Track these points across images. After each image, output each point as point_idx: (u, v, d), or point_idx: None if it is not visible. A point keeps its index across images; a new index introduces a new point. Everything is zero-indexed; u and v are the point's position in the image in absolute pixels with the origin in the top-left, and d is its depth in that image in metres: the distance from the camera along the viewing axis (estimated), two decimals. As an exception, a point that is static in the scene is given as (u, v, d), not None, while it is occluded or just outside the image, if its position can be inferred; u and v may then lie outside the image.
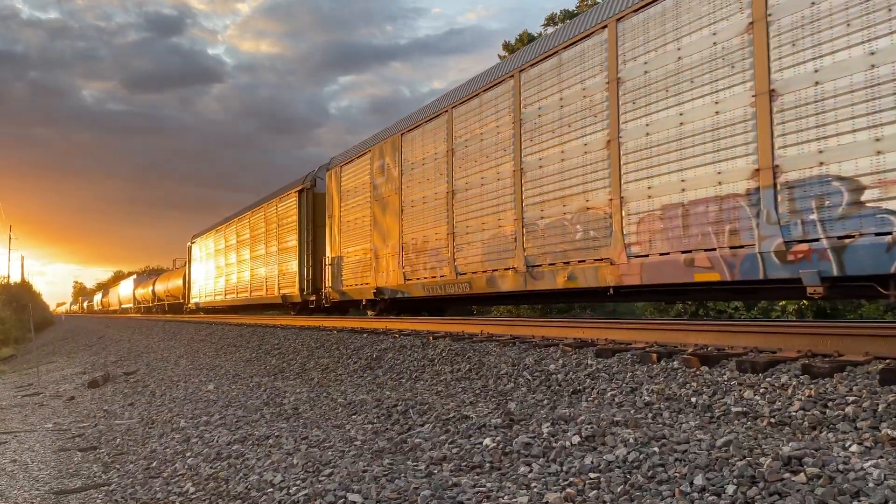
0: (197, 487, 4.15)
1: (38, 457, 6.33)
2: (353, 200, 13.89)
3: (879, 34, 4.96)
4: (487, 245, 9.42)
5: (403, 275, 11.58)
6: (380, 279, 12.55)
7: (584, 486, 2.95)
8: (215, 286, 25.72)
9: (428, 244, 10.94)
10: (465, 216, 9.94)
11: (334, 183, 14.86)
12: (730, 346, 5.29)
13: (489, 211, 9.37)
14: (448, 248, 10.34)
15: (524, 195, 8.68)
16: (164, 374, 11.11)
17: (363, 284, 13.21)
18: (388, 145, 12.39)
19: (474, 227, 9.69)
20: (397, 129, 12.20)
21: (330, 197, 15.06)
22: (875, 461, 2.75)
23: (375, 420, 5.13)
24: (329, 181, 15.24)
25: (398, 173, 11.93)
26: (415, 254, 11.30)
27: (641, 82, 6.97)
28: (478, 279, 9.58)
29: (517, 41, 24.67)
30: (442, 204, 10.52)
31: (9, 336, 35.93)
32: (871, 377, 3.89)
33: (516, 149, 8.87)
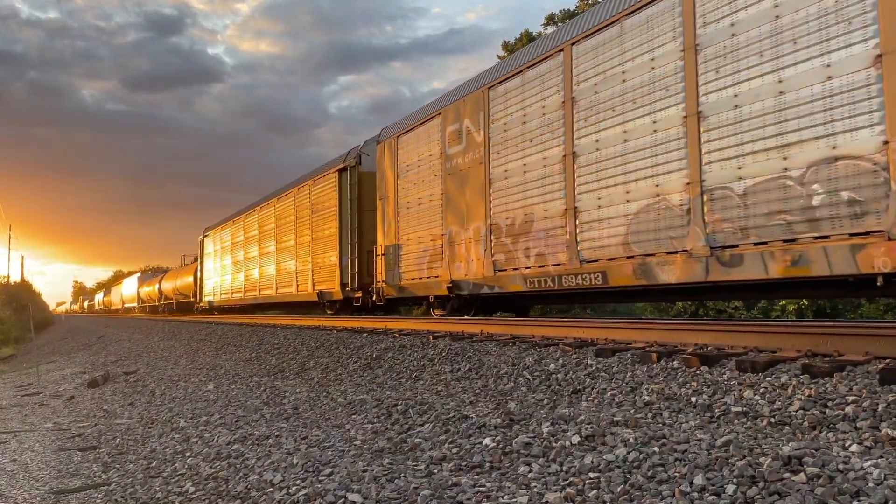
0: (197, 487, 4.15)
1: (38, 456, 6.33)
2: (415, 176, 11.61)
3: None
4: (635, 221, 7.20)
5: (493, 264, 9.42)
6: (456, 271, 10.29)
7: (584, 485, 2.95)
8: (233, 283, 23.44)
9: (531, 224, 8.71)
10: (595, 185, 7.72)
11: (388, 157, 12.57)
12: (730, 346, 5.28)
13: (639, 175, 7.14)
14: (565, 227, 8.13)
15: (704, 149, 6.47)
16: (163, 374, 11.11)
17: (431, 278, 10.98)
18: (468, 105, 10.16)
19: (612, 198, 7.47)
20: (482, 83, 9.95)
21: (382, 175, 12.79)
22: (875, 461, 2.75)
23: (375, 420, 5.13)
24: (381, 156, 12.94)
25: (483, 138, 9.72)
26: (510, 237, 9.12)
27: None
28: (618, 268, 7.38)
29: (517, 41, 24.67)
30: (555, 171, 8.33)
31: (9, 336, 35.94)
32: (871, 377, 3.89)
33: (689, 85, 6.64)
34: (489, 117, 9.66)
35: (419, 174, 11.48)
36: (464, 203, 10.18)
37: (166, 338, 18.60)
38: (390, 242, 12.41)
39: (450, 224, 10.53)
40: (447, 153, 10.62)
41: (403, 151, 12.03)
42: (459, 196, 10.30)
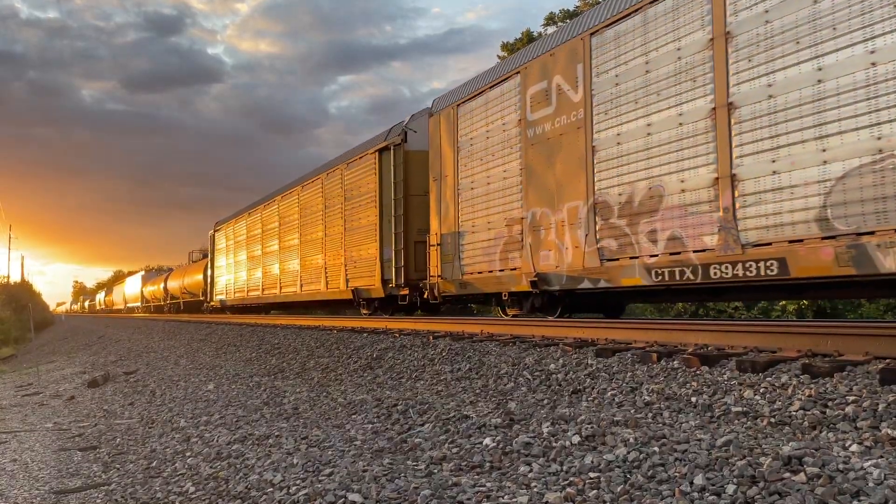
0: (197, 487, 4.15)
1: (38, 456, 6.33)
2: (482, 150, 9.81)
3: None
4: (839, 188, 5.43)
5: (598, 252, 7.66)
6: (541, 261, 8.52)
7: (584, 485, 2.95)
8: (248, 280, 21.44)
9: (659, 201, 6.97)
10: (768, 143, 5.94)
11: (444, 131, 10.80)
12: (730, 346, 5.28)
13: (848, 125, 5.35)
14: (716, 202, 6.39)
15: None
16: (164, 374, 11.11)
17: (506, 271, 9.20)
18: (560, 58, 8.37)
19: (796, 159, 5.70)
20: (579, 30, 8.18)
21: (437, 151, 11.00)
22: (875, 461, 2.75)
23: (375, 420, 5.13)
24: (435, 130, 11.12)
25: (582, 96, 7.96)
26: (625, 218, 7.34)
27: None
28: (808, 253, 5.62)
29: (517, 41, 24.68)
30: (698, 130, 6.52)
31: (9, 336, 35.95)
32: (871, 377, 3.89)
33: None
34: (591, 70, 7.86)
35: (488, 147, 9.62)
36: (552, 178, 8.31)
37: (166, 338, 18.60)
38: (448, 230, 10.58)
39: (532, 205, 8.65)
40: (528, 119, 8.73)
41: (466, 122, 10.23)
42: (546, 170, 8.43)
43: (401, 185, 12.34)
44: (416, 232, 12.02)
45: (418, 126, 12.31)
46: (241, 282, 22.49)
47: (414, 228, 12.10)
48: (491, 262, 9.55)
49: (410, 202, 12.26)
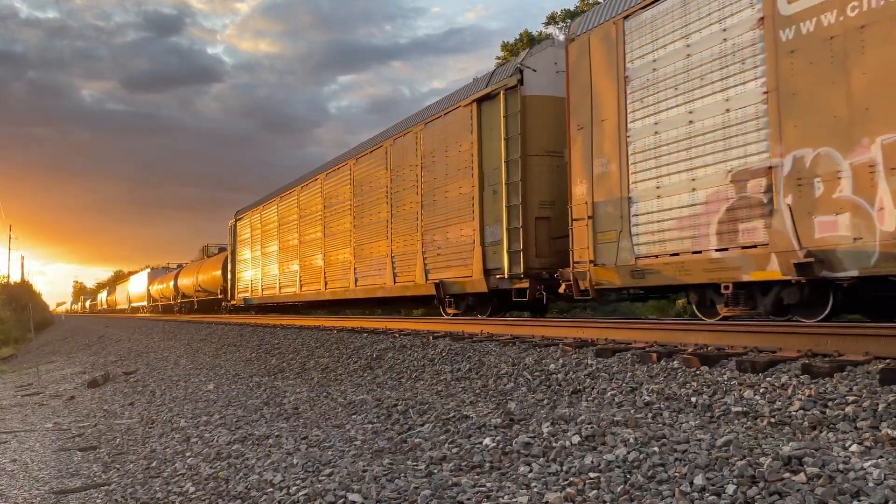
0: (197, 487, 4.15)
1: (38, 456, 6.33)
2: (677, 75, 6.98)
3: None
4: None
5: None
6: (818, 232, 5.67)
7: (584, 485, 2.95)
8: (282, 275, 18.20)
9: None
10: None
11: (599, 58, 7.96)
12: (730, 346, 5.28)
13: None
14: None
15: None
16: (164, 374, 11.11)
17: (732, 250, 6.39)
18: None
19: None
20: None
21: (584, 89, 8.15)
22: (875, 461, 2.75)
23: (375, 420, 5.13)
24: (580, 61, 8.26)
25: None
26: None
27: None
28: None
29: (517, 41, 24.67)
30: None
31: (9, 336, 35.96)
32: (871, 377, 3.89)
33: None
34: None
35: (689, 69, 6.83)
36: (842, 100, 5.50)
37: (167, 338, 18.60)
38: (606, 197, 7.81)
39: (796, 145, 5.85)
40: (782, 13, 5.96)
41: (642, 39, 7.39)
42: (827, 88, 5.61)
43: (517, 141, 9.24)
44: (536, 205, 9.19)
45: (541, 63, 9.39)
46: (271, 277, 19.17)
47: (534, 200, 9.15)
48: (697, 239, 6.72)
49: (529, 165, 9.20)
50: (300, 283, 16.97)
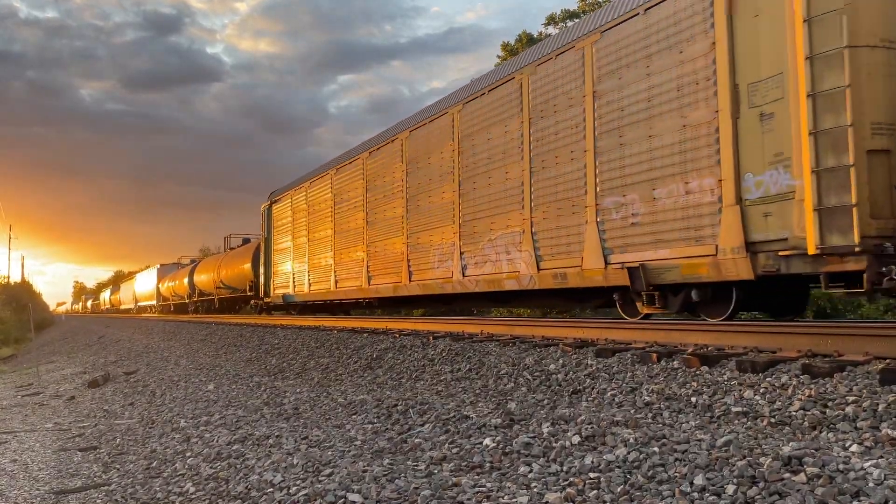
0: (197, 487, 4.15)
1: (38, 456, 6.33)
2: None
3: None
4: None
5: None
6: None
7: (585, 486, 2.96)
8: (339, 266, 14.68)
9: None
10: None
11: None
12: (730, 346, 5.29)
13: None
14: None
15: None
16: (164, 374, 11.11)
17: None
18: None
19: None
20: None
21: None
22: (875, 461, 2.75)
23: (375, 420, 5.13)
24: None
25: None
26: None
27: None
28: None
29: (517, 41, 24.66)
30: None
31: (9, 336, 35.97)
32: (871, 377, 3.89)
33: None
34: None
35: None
36: None
37: (166, 338, 18.61)
38: None
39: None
40: None
41: None
42: None
43: (835, 23, 5.49)
44: (868, 131, 5.48)
45: None
46: (323, 269, 15.50)
47: (865, 123, 5.47)
48: None
49: (857, 63, 5.46)
50: (367, 274, 13.23)
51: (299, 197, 17.53)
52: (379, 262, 13.08)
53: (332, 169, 15.46)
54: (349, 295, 14.39)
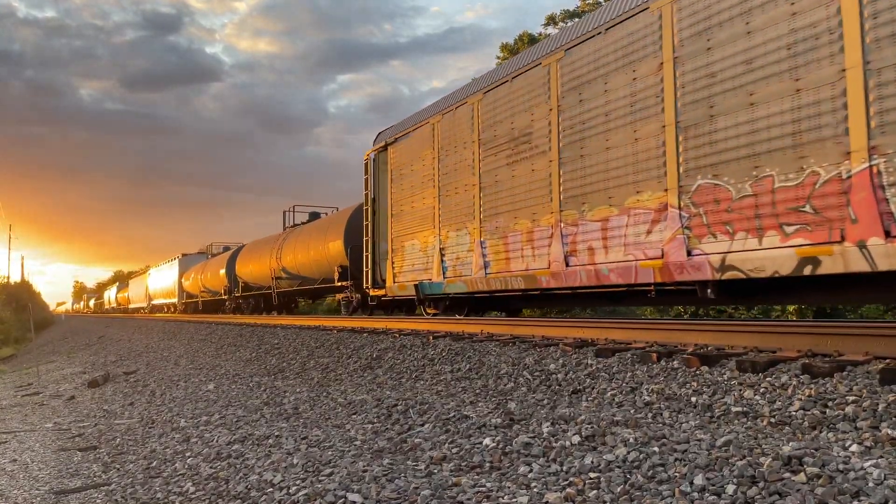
0: (197, 487, 4.15)
1: (38, 456, 6.33)
2: None
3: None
4: None
5: None
6: None
7: (584, 485, 2.95)
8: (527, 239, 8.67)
9: None
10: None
11: None
12: (730, 346, 5.29)
13: None
14: None
15: None
16: (164, 374, 11.11)
17: None
18: None
19: None
20: None
21: None
22: (875, 461, 2.75)
23: (375, 420, 5.13)
24: None
25: None
26: None
27: None
28: None
29: (517, 41, 24.67)
30: None
31: (9, 336, 35.98)
32: (871, 377, 3.89)
33: None
34: None
35: None
36: None
37: (166, 338, 18.60)
38: None
39: None
40: None
41: None
42: None
43: None
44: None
45: None
46: (497, 242, 9.26)
47: None
48: None
49: None
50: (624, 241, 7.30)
51: (446, 127, 10.71)
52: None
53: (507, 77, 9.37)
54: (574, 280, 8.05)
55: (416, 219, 11.41)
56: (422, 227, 11.22)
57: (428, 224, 11.06)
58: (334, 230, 16.28)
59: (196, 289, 30.75)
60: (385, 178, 12.75)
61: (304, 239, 18.57)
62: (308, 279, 18.33)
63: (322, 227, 17.73)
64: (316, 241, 17.39)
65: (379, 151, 13.09)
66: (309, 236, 18.32)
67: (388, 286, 12.24)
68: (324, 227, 17.43)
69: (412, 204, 11.63)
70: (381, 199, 12.96)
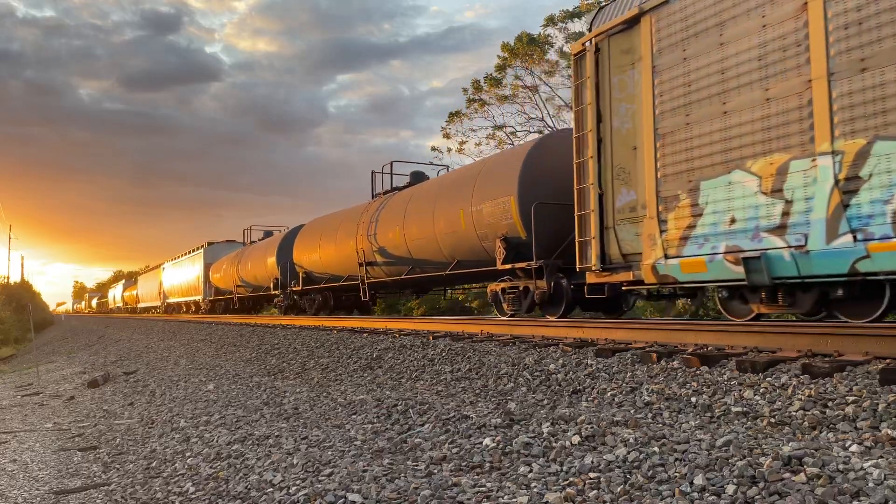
0: (197, 487, 4.15)
1: (38, 456, 6.33)
2: None
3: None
4: None
5: None
6: None
7: (584, 485, 2.95)
8: None
9: None
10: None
11: None
12: (730, 346, 5.28)
13: None
14: None
15: None
16: (163, 374, 11.10)
17: None
18: None
19: None
20: None
21: None
22: (875, 461, 2.75)
23: (375, 420, 5.13)
24: None
25: None
26: None
27: None
28: None
29: (517, 41, 24.66)
30: None
31: (9, 336, 35.97)
32: (871, 377, 3.89)
33: None
34: None
35: None
36: None
37: (166, 338, 18.60)
38: None
39: None
40: None
41: None
42: None
43: None
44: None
45: None
46: None
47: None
48: None
49: None
50: None
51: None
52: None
53: None
54: None
55: (745, 133, 6.02)
56: (767, 145, 5.86)
57: (790, 136, 5.66)
58: (503, 175, 9.74)
59: (229, 283, 24.43)
60: (633, 78, 7.33)
61: (421, 205, 12.08)
62: (428, 263, 12.12)
63: (464, 179, 11.00)
64: (449, 203, 10.99)
65: (614, 34, 7.48)
66: (437, 196, 11.61)
67: (650, 264, 6.84)
68: (468, 180, 10.78)
69: (732, 104, 6.13)
70: (622, 115, 7.48)
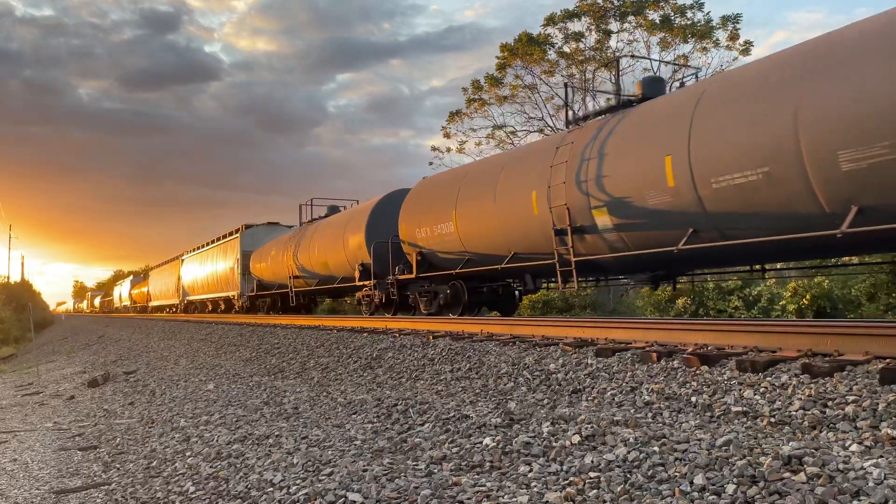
0: (197, 487, 4.15)
1: (38, 456, 6.33)
2: None
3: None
4: None
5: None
6: None
7: (585, 485, 2.95)
8: None
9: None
10: None
11: None
12: (730, 346, 5.28)
13: None
14: None
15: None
16: (164, 374, 11.11)
17: None
18: None
19: None
20: None
21: None
22: (875, 460, 2.75)
23: (375, 419, 5.13)
24: None
25: None
26: None
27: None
28: None
29: (517, 41, 24.66)
30: None
31: (9, 335, 35.97)
32: (871, 377, 3.89)
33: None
34: None
35: None
36: None
37: (166, 338, 18.60)
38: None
39: None
40: None
41: None
42: None
43: None
44: None
45: None
46: None
47: None
48: None
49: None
50: None
51: None
52: None
53: None
54: None
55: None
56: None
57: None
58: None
59: (281, 274, 18.62)
60: None
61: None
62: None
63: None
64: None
65: None
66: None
67: None
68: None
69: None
70: None
